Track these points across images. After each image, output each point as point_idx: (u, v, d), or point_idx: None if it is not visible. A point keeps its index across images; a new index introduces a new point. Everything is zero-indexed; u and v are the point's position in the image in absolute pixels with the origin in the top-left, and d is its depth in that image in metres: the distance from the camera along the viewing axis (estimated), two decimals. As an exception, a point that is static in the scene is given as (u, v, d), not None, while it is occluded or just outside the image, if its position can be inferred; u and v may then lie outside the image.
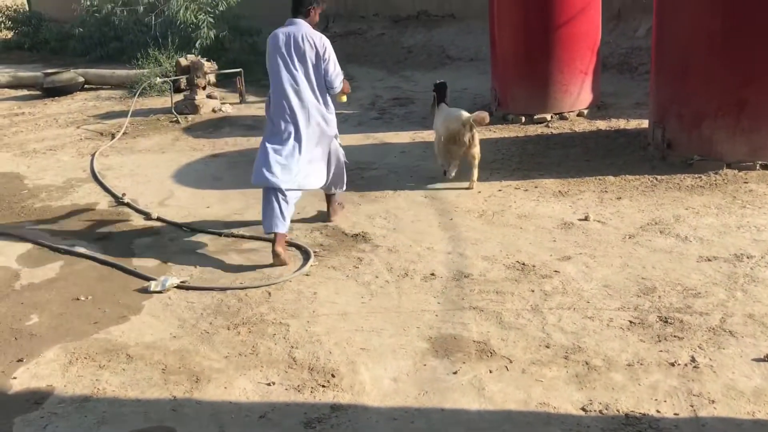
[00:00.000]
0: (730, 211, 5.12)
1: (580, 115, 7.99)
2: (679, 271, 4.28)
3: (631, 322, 3.77)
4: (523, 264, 4.52)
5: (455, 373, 3.42)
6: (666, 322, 3.74)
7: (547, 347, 3.59)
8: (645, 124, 7.31)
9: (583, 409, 3.11)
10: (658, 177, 5.91)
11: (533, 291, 4.17)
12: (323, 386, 3.38)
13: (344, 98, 5.23)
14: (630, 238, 4.82)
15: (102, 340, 3.93)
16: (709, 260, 4.40)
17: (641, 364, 3.39)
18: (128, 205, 6.17)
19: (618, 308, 3.92)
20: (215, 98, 9.99)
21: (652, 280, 4.20)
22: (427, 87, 10.34)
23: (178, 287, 4.52)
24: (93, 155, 7.85)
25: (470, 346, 3.64)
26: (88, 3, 14.42)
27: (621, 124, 7.62)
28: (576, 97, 7.94)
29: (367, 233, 5.21)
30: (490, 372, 3.40)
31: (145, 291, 4.50)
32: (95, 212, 6.10)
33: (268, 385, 3.43)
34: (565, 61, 7.81)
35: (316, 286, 4.43)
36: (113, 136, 8.72)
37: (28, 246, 5.34)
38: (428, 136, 7.79)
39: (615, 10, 10.40)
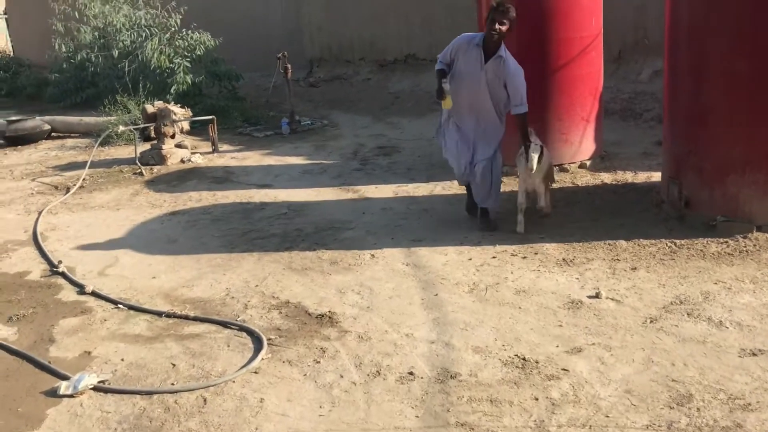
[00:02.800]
0: (769, 286, 4.28)
1: (582, 166, 7.19)
2: (718, 371, 3.42)
3: (665, 447, 2.90)
4: (524, 359, 3.65)
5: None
6: (711, 448, 2.87)
7: (558, 487, 2.71)
8: (655, 177, 6.52)
9: None
10: (677, 242, 5.07)
11: (537, 399, 3.29)
12: None
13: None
14: (652, 322, 3.96)
15: (-21, 471, 3.04)
16: (755, 354, 3.54)
17: None
18: (63, 274, 5.31)
19: (646, 426, 3.04)
20: (185, 147, 9.22)
21: (686, 384, 3.33)
22: (414, 134, 9.62)
23: (95, 388, 3.64)
24: (39, 213, 7.02)
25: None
26: (63, 49, 13.77)
27: (628, 177, 6.82)
28: (578, 147, 7.16)
29: (335, 313, 4.34)
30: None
31: (54, 393, 3.61)
32: (24, 284, 5.23)
33: None
34: (564, 107, 7.03)
35: (264, 390, 3.55)
36: (68, 190, 7.90)
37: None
38: (413, 190, 7.00)
39: (615, 53, 9.71)
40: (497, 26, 5.22)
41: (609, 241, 5.19)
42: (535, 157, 5.38)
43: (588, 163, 7.22)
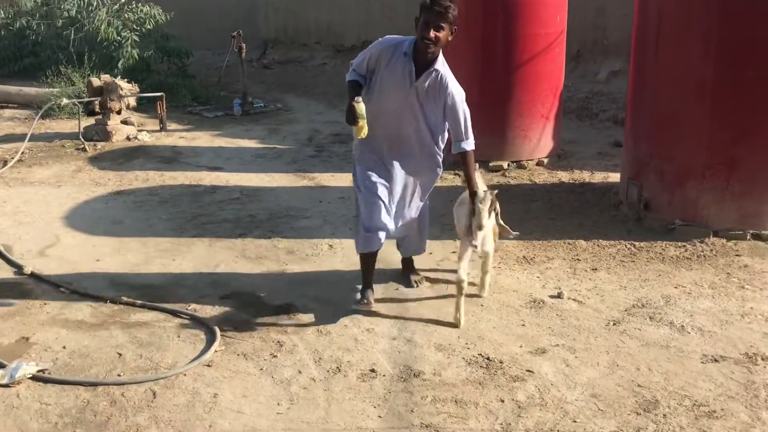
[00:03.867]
0: (727, 292, 4.30)
1: (539, 164, 7.17)
2: (682, 377, 3.39)
3: (633, 454, 2.85)
4: (488, 359, 3.56)
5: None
6: (679, 456, 2.83)
7: (527, 495, 2.62)
8: (612, 177, 6.54)
9: None
10: (636, 244, 5.07)
11: (503, 401, 3.21)
12: None
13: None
14: (615, 324, 3.93)
15: None
16: (717, 361, 3.53)
17: None
18: (-1, 253, 4.99)
19: (614, 432, 2.99)
20: (132, 124, 8.83)
21: (651, 389, 3.29)
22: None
23: (34, 378, 3.39)
24: (-27, 186, 6.60)
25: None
26: (2, 14, 13.07)
27: (585, 176, 6.82)
28: (536, 144, 7.13)
29: (292, 305, 4.18)
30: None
31: (-12, 383, 3.35)
32: (-45, 262, 4.89)
33: None
34: (525, 103, 6.99)
35: (218, 384, 3.36)
36: (5, 163, 7.47)
37: None
38: (371, 180, 6.84)
39: (574, 52, 9.73)
40: (431, 33, 3.74)
41: (569, 241, 5.16)
42: (484, 209, 3.81)
43: (545, 161, 7.21)
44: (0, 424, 3.05)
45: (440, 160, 4.15)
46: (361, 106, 3.81)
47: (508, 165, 7.07)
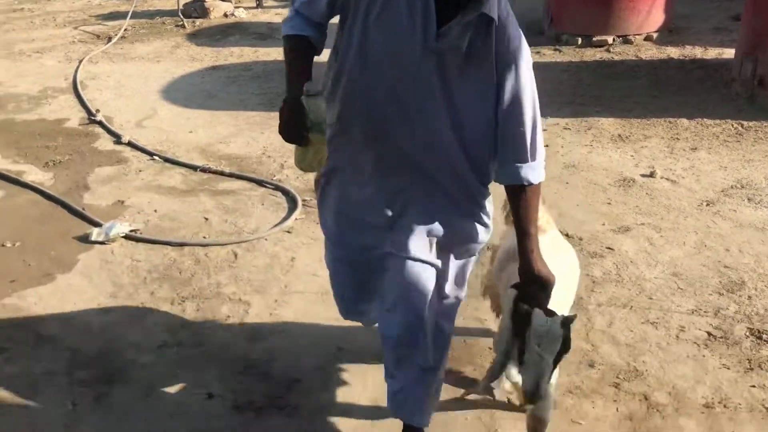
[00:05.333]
0: (841, 175, 3.95)
1: (648, 39, 6.68)
2: (776, 260, 3.20)
3: (709, 334, 2.74)
4: (567, 235, 3.47)
5: (456, 399, 2.46)
6: (760, 338, 2.70)
7: (591, 366, 2.59)
8: (727, 54, 6.02)
9: (638, 476, 2.14)
10: (745, 123, 4.71)
11: (577, 276, 3.14)
12: (280, 408, 2.46)
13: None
14: (708, 205, 3.71)
15: (10, 308, 3.05)
16: (817, 246, 3.30)
17: (725, 407, 2.39)
18: (100, 123, 5.22)
19: (692, 311, 2.88)
20: (229, 1, 8.84)
21: (739, 271, 3.13)
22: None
23: (127, 237, 3.60)
24: (80, 62, 6.87)
25: (484, 353, 2.67)
26: None
27: (697, 52, 6.32)
28: (645, 17, 6.61)
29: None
30: (508, 401, 2.43)
31: (86, 239, 3.59)
32: (62, 131, 5.16)
33: (209, 397, 2.52)
34: (634, -29, 6.46)
35: (296, 249, 3.46)
36: (109, 39, 7.70)
37: (-29, 170, 4.45)
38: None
39: None
40: None
41: (670, 119, 4.85)
42: (548, 371, 1.89)
43: (655, 35, 6.70)
44: (96, 276, 3.28)
45: (489, 207, 2.09)
46: (316, 104, 1.95)
47: (613, 40, 6.63)
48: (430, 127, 1.89)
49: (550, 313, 1.85)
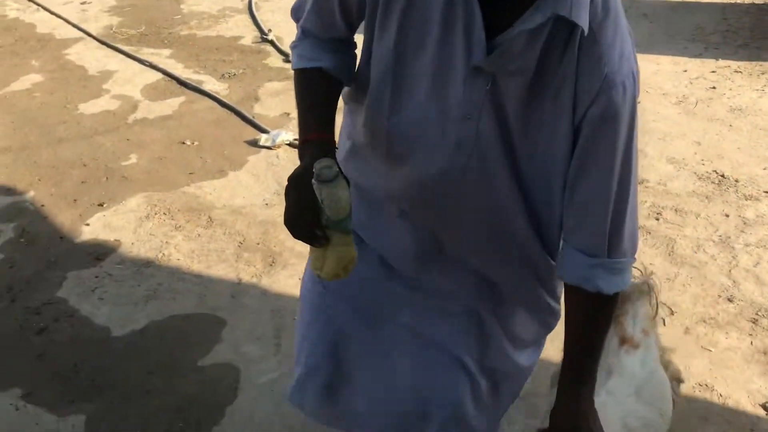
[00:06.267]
0: None
1: None
2: None
3: None
4: (723, 176, 3.38)
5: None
6: None
7: (730, 301, 2.58)
8: None
9: (764, 406, 2.15)
10: None
11: (728, 216, 3.07)
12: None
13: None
14: None
15: (189, 195, 3.45)
16: None
17: None
18: (272, 42, 5.57)
19: None
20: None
21: None
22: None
23: (290, 144, 3.91)
24: (256, -15, 7.27)
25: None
26: None
27: None
28: None
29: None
30: (639, 323, 2.48)
31: (255, 144, 3.93)
32: (237, 47, 5.56)
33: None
34: None
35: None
36: (284, -34, 8.07)
37: (159, 76, 4.93)
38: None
39: None
40: None
41: None
42: None
43: None
44: (262, 175, 3.61)
45: (559, 298, 1.45)
46: (333, 194, 1.15)
47: (804, -17, 6.09)
48: (483, 195, 1.22)
49: None
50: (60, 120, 4.28)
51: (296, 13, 1.33)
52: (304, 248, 2.91)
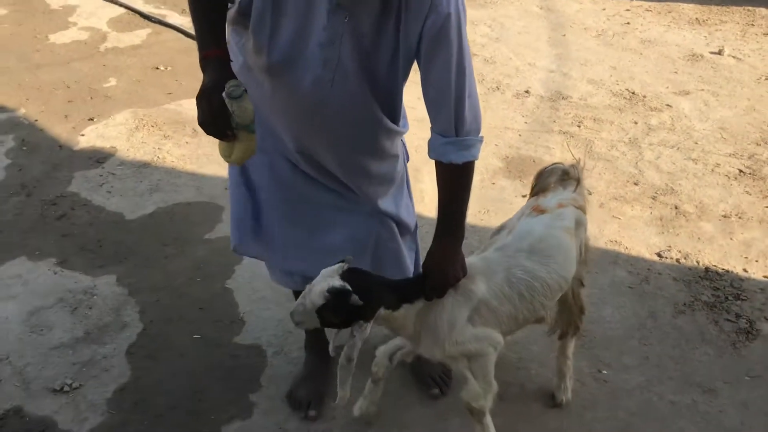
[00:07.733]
0: None
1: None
2: (815, 124, 3.67)
3: (740, 171, 3.29)
4: (633, 93, 4.00)
5: (524, 196, 3.12)
6: (784, 177, 3.24)
7: (635, 184, 3.20)
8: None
9: (658, 254, 2.78)
10: (822, 15, 5.00)
11: (636, 123, 3.70)
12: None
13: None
14: (766, 79, 4.15)
15: (172, 111, 3.84)
16: None
17: (739, 218, 2.97)
18: (226, -19, 5.88)
19: (729, 154, 3.42)
20: None
21: (780, 129, 3.62)
22: None
23: (258, 70, 4.31)
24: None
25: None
26: None
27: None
28: None
29: (466, 39, 4.74)
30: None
31: (225, 69, 4.32)
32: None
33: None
34: None
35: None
36: None
37: (122, 11, 5.20)
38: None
39: None
40: None
41: (749, 7, 5.17)
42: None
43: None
44: (235, 94, 4.02)
45: (402, 147, 1.94)
46: (242, 107, 1.56)
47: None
48: (342, 91, 1.65)
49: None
50: (33, 48, 4.55)
51: None
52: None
